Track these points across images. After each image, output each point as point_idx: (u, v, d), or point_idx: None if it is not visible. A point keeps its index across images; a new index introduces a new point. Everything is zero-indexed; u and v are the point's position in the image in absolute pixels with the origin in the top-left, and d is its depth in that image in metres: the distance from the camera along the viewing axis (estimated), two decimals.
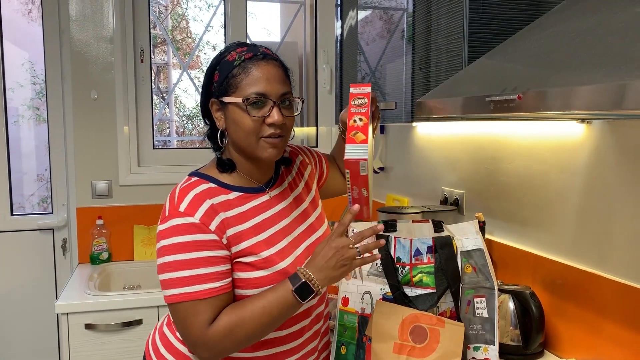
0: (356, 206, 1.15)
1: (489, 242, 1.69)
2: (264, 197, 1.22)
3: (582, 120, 1.39)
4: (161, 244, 1.10)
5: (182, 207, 1.10)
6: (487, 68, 1.09)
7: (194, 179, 1.18)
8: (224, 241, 1.11)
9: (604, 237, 1.35)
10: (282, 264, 1.17)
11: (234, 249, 1.13)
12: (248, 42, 1.20)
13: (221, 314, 1.10)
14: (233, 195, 1.18)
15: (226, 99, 1.14)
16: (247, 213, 1.18)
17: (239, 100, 1.11)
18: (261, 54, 1.15)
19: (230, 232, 1.13)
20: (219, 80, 1.15)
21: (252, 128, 1.12)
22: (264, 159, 1.16)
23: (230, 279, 1.13)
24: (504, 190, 1.71)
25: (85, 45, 2.54)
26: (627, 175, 1.29)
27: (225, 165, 1.20)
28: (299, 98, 1.19)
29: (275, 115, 1.12)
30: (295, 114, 1.19)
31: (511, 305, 1.47)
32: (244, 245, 1.14)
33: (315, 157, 1.46)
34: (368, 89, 1.20)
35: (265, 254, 1.15)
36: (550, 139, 1.51)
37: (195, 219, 1.09)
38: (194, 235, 1.09)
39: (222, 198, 1.15)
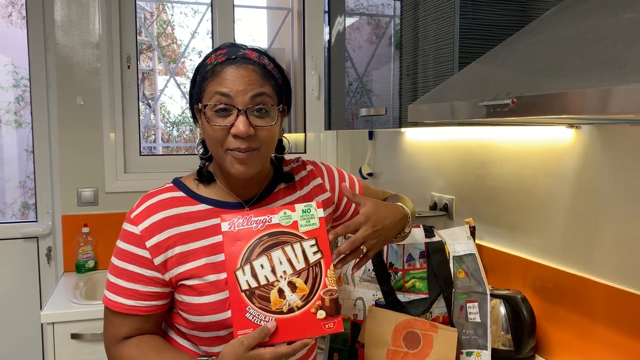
0: (272, 323, 0.96)
1: (478, 247, 1.69)
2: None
3: (571, 125, 1.40)
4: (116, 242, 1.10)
5: (134, 214, 1.06)
6: (479, 73, 1.09)
7: (167, 185, 1.12)
8: (157, 261, 1.04)
9: (592, 240, 1.36)
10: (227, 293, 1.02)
11: (175, 271, 1.05)
12: (240, 43, 1.09)
13: (131, 342, 1.07)
14: (199, 207, 1.09)
15: (199, 105, 1.04)
16: (207, 230, 1.07)
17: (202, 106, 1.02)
18: (237, 57, 1.02)
19: (177, 250, 1.05)
20: (196, 85, 1.07)
21: (216, 138, 1.02)
22: (233, 175, 1.05)
23: (152, 302, 1.06)
24: (493, 195, 1.72)
25: (71, 50, 2.51)
26: (615, 180, 1.30)
27: (203, 176, 1.12)
28: (276, 106, 1.05)
29: (240, 126, 0.99)
30: (270, 124, 1.03)
31: (502, 310, 1.48)
32: (189, 266, 1.05)
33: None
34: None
35: (211, 277, 1.05)
36: (539, 144, 1.53)
37: (138, 229, 1.04)
38: (129, 245, 1.05)
39: (182, 210, 1.07)
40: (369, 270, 1.37)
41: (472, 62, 1.17)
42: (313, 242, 1.01)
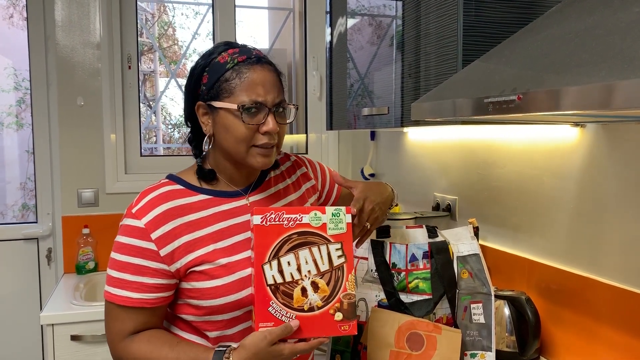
0: (295, 322, 1.02)
1: (482, 248, 1.68)
2: (240, 202, 1.16)
3: (576, 124, 1.39)
4: (115, 239, 1.10)
5: (135, 209, 1.08)
6: (483, 70, 1.08)
7: (163, 180, 1.14)
8: (164, 252, 1.05)
9: (597, 241, 1.35)
10: (242, 273, 1.08)
11: (184, 260, 1.07)
12: (234, 42, 1.16)
13: (140, 337, 1.08)
14: (198, 197, 1.12)
15: (217, 104, 1.08)
16: (210, 217, 1.11)
17: (233, 106, 1.06)
18: (255, 57, 1.10)
19: (183, 240, 1.07)
20: (208, 83, 1.09)
21: (245, 136, 1.07)
22: (254, 167, 1.12)
23: (158, 295, 1.07)
24: (496, 195, 1.71)
25: (72, 51, 2.50)
26: (621, 179, 1.28)
27: (205, 175, 1.15)
28: (292, 105, 1.15)
29: (270, 123, 1.07)
30: (288, 121, 1.15)
31: (506, 311, 1.46)
32: (198, 253, 1.08)
33: (326, 178, 1.38)
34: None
35: (223, 260, 1.08)
36: (543, 143, 1.51)
37: (141, 223, 1.06)
38: (133, 239, 1.06)
39: (183, 201, 1.10)
40: (372, 270, 1.35)
41: (476, 59, 1.16)
42: (339, 246, 1.06)
